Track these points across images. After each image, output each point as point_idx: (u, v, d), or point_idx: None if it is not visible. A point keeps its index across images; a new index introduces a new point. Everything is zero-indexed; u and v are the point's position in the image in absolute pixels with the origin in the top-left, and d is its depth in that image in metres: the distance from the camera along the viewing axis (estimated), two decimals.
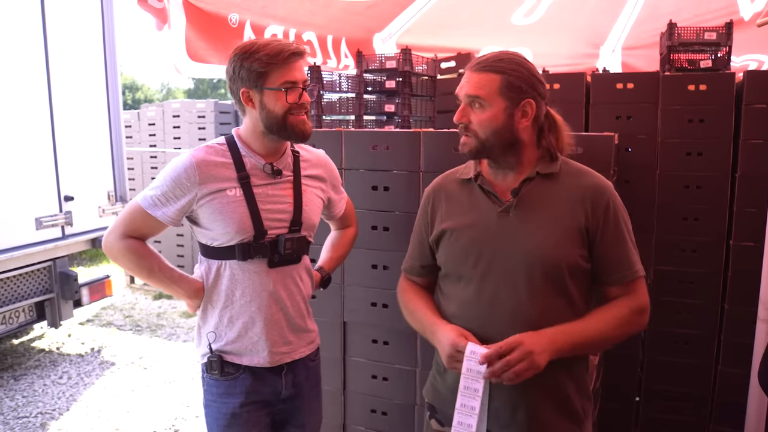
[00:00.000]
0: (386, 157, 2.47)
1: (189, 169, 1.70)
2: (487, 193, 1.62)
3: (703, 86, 2.66)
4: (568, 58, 4.37)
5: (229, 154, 1.76)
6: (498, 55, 1.56)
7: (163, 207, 1.72)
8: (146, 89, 36.85)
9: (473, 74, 1.55)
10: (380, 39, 3.88)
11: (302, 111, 1.72)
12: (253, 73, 1.66)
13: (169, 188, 1.71)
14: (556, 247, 1.53)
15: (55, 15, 4.26)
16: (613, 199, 1.59)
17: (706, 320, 2.75)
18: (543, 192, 1.58)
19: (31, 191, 4.21)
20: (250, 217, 1.72)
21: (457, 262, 1.62)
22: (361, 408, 2.66)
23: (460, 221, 1.63)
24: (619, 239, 1.57)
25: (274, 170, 1.78)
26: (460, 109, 1.58)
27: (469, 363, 1.44)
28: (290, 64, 1.67)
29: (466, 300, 1.60)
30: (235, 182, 1.73)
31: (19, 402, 4.07)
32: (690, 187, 2.72)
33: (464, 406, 1.43)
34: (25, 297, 4.40)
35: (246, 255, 1.74)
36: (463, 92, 1.57)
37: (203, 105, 6.69)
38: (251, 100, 1.71)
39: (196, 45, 2.48)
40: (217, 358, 1.80)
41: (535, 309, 1.52)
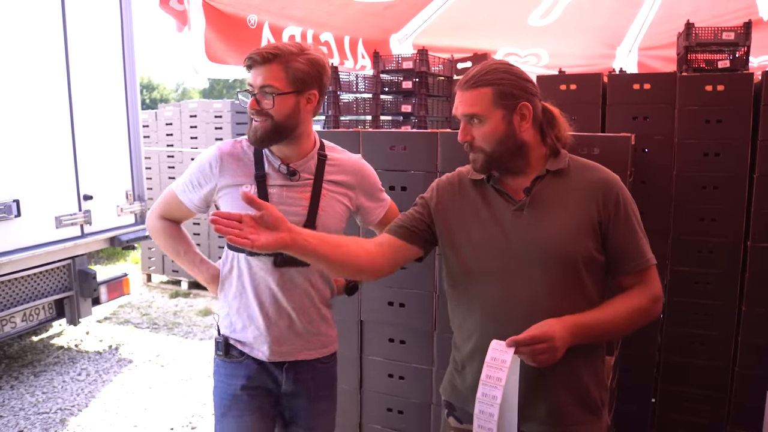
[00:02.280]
0: (404, 157, 2.49)
1: (212, 160, 1.80)
2: (500, 192, 1.64)
3: (721, 87, 2.64)
4: (584, 58, 4.36)
5: (252, 151, 1.81)
6: (483, 69, 1.59)
7: (189, 193, 1.85)
8: (162, 89, 37.11)
9: (464, 93, 1.58)
10: (397, 40, 3.89)
11: (257, 116, 1.72)
12: None
13: (195, 176, 1.83)
14: (571, 242, 1.56)
15: (75, 15, 4.32)
16: (622, 192, 1.62)
17: (723, 321, 2.74)
18: (554, 189, 1.61)
19: (51, 190, 4.27)
20: None
21: (477, 261, 1.63)
22: (378, 407, 2.68)
23: (476, 220, 1.65)
24: (630, 230, 1.60)
25: (289, 171, 1.79)
26: (462, 128, 1.60)
27: (494, 352, 1.45)
28: (251, 68, 1.70)
29: (482, 297, 1.61)
30: (251, 179, 1.78)
31: (39, 398, 4.14)
32: (707, 187, 2.71)
33: (486, 396, 1.43)
34: (44, 295, 4.46)
35: (251, 252, 1.73)
36: (459, 112, 1.60)
37: (220, 105, 6.73)
38: None
39: (215, 46, 2.51)
40: (223, 340, 1.88)
41: (552, 303, 1.54)
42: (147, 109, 7.27)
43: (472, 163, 1.64)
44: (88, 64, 4.47)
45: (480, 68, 1.59)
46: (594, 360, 1.65)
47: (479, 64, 1.62)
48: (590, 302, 1.58)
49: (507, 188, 1.64)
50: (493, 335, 1.52)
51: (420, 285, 2.53)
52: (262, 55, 1.68)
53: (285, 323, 1.85)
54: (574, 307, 1.54)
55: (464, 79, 1.59)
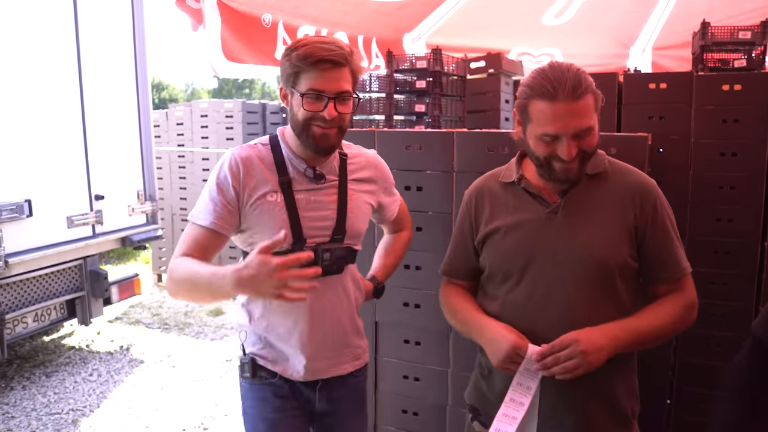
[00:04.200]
0: (419, 157, 2.48)
1: (233, 167, 1.63)
2: (533, 195, 1.61)
3: (738, 86, 2.62)
4: (598, 58, 4.34)
5: (271, 155, 1.67)
6: (578, 74, 1.46)
7: (213, 213, 1.61)
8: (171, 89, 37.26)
9: (573, 105, 1.44)
10: (410, 39, 3.88)
11: (329, 124, 1.58)
12: (286, 72, 1.59)
13: (215, 192, 1.62)
14: (606, 248, 1.53)
15: (87, 16, 4.33)
16: (660, 198, 1.59)
17: (739, 322, 2.71)
18: (590, 192, 1.58)
19: (62, 190, 4.29)
20: (289, 225, 1.63)
21: (505, 263, 1.62)
22: (393, 408, 2.67)
23: (506, 222, 1.63)
24: (666, 238, 1.58)
25: (316, 174, 1.68)
26: (570, 145, 1.46)
27: (528, 363, 1.46)
28: (319, 70, 1.54)
29: (514, 301, 1.59)
30: (276, 186, 1.64)
31: (51, 398, 4.14)
32: (724, 188, 2.69)
33: (513, 401, 1.43)
34: (56, 295, 4.47)
35: None
36: (572, 128, 1.45)
37: (231, 105, 6.74)
38: (286, 98, 1.64)
39: (231, 45, 2.50)
40: (250, 361, 1.73)
41: (585, 309, 1.52)
42: (156, 109, 7.28)
43: (564, 172, 1.51)
44: (100, 64, 4.49)
45: (572, 74, 1.45)
46: (627, 370, 1.63)
47: (560, 69, 1.47)
48: (623, 309, 1.56)
49: (541, 191, 1.61)
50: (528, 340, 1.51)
51: (436, 286, 2.48)
52: (339, 58, 1.55)
53: (320, 337, 1.73)
54: (607, 313, 1.52)
55: (565, 88, 1.43)
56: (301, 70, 1.55)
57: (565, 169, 1.50)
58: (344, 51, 1.56)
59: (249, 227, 1.66)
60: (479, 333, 1.61)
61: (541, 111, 1.46)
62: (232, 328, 5.65)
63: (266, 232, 1.60)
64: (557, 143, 1.47)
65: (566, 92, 1.43)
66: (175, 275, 1.57)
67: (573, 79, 1.43)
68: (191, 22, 2.40)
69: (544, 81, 1.45)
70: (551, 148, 1.48)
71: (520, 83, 1.55)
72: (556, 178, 1.54)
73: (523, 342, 1.49)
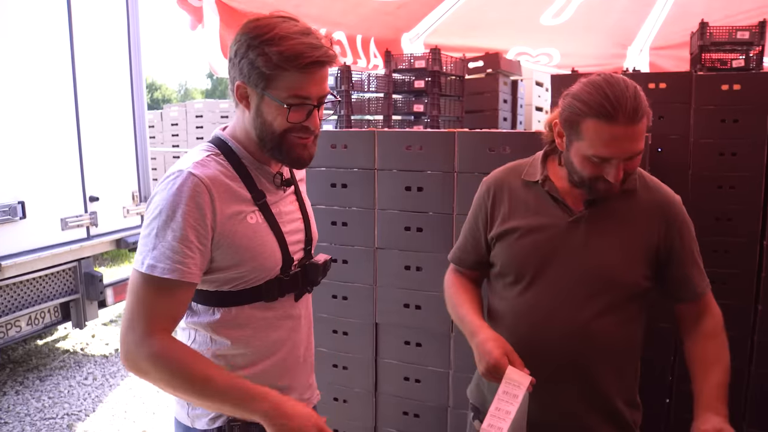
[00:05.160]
0: (420, 157, 2.46)
1: (202, 195, 1.24)
2: (555, 199, 1.56)
3: (737, 86, 2.63)
4: (596, 58, 4.35)
5: (230, 167, 1.34)
6: (637, 94, 1.36)
7: (188, 259, 1.22)
8: (164, 89, 37.15)
9: (633, 128, 1.35)
10: (408, 39, 3.88)
11: (309, 134, 1.33)
12: (255, 71, 1.24)
13: (185, 229, 1.21)
14: (622, 267, 1.51)
15: (81, 16, 4.30)
16: (684, 216, 1.57)
17: (739, 321, 2.71)
18: (616, 206, 1.53)
19: (56, 192, 4.25)
20: (278, 246, 1.38)
21: (518, 265, 1.59)
22: (393, 410, 2.66)
23: (525, 222, 1.58)
24: (690, 259, 1.57)
25: (284, 181, 1.43)
26: (620, 168, 1.39)
27: (507, 386, 1.42)
28: (308, 73, 1.25)
29: (521, 307, 1.58)
30: (251, 205, 1.34)
31: (46, 403, 4.10)
32: (723, 187, 2.69)
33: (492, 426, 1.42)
34: (50, 298, 4.43)
35: (276, 293, 1.39)
36: (627, 153, 1.38)
37: (226, 105, 6.75)
38: (246, 99, 1.31)
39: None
40: (240, 422, 1.35)
41: (592, 323, 1.51)
42: (149, 110, 7.26)
43: (606, 192, 1.45)
44: (94, 65, 4.47)
45: (631, 94, 1.35)
46: (627, 380, 1.62)
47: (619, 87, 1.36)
48: (628, 327, 1.56)
49: (565, 196, 1.56)
50: (524, 345, 1.50)
51: (437, 287, 2.48)
52: (329, 58, 1.27)
53: (307, 363, 1.55)
54: (611, 330, 1.52)
55: (624, 111, 1.33)
56: (282, 72, 1.23)
57: (608, 189, 1.44)
58: (330, 48, 1.29)
59: (233, 264, 1.31)
60: (470, 336, 1.57)
61: (597, 132, 1.36)
62: None
63: (258, 261, 1.34)
64: (606, 164, 1.40)
65: (627, 115, 1.33)
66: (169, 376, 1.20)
67: (633, 100, 1.34)
68: (190, 20, 2.37)
69: (603, 100, 1.34)
70: (599, 170, 1.41)
71: (569, 94, 1.44)
72: (595, 195, 1.49)
73: (503, 362, 1.43)
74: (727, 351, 1.55)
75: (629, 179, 1.49)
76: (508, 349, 1.46)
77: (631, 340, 1.60)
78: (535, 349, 1.51)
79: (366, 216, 2.59)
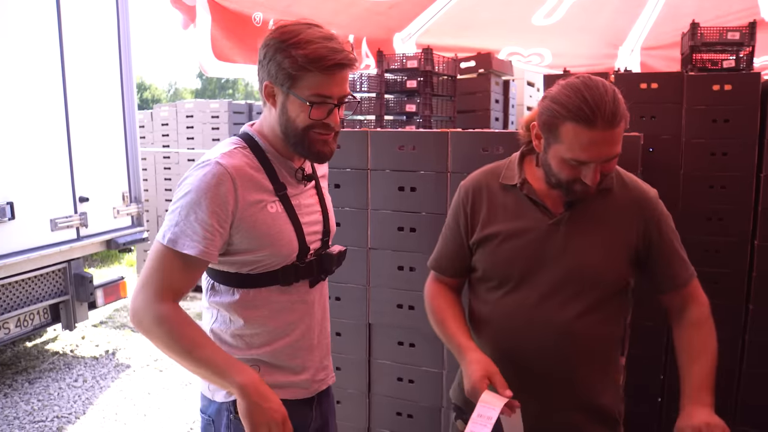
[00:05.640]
0: (413, 157, 2.46)
1: (227, 183, 1.38)
2: (535, 203, 1.56)
3: (728, 86, 2.64)
4: (587, 58, 4.36)
5: (256, 159, 1.48)
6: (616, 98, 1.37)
7: (205, 241, 1.35)
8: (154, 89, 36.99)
9: (611, 132, 1.35)
10: (400, 39, 3.87)
11: (329, 131, 1.44)
12: (282, 72, 1.38)
13: (207, 213, 1.35)
14: (605, 266, 1.52)
15: (70, 15, 4.26)
16: (661, 209, 1.58)
17: (730, 321, 2.73)
18: (595, 205, 1.55)
19: (46, 192, 4.21)
20: (295, 235, 1.50)
21: (501, 270, 1.58)
22: (387, 411, 2.65)
23: (505, 227, 1.58)
24: (672, 249, 1.58)
25: (305, 176, 1.56)
26: (598, 171, 1.41)
27: (481, 409, 1.40)
28: (330, 75, 1.38)
29: (505, 310, 1.58)
30: (272, 195, 1.47)
31: (35, 406, 4.06)
32: (714, 187, 2.71)
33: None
34: (40, 299, 4.39)
35: (292, 278, 1.51)
36: (604, 156, 1.39)
37: (217, 105, 6.68)
38: (273, 97, 1.44)
39: (221, 44, 2.46)
40: None
41: (577, 324, 1.52)
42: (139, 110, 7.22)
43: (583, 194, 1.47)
44: (84, 64, 4.42)
45: (610, 98, 1.35)
46: (611, 375, 1.63)
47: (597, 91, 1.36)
48: (611, 323, 1.57)
49: (544, 199, 1.56)
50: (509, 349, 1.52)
51: None
52: (349, 61, 1.40)
53: (322, 346, 1.65)
54: (596, 328, 1.53)
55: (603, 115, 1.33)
56: (307, 73, 1.36)
57: (584, 191, 1.45)
58: (351, 51, 1.42)
59: (251, 248, 1.44)
60: (458, 354, 1.57)
61: (575, 136, 1.36)
62: None
63: (275, 247, 1.46)
64: (583, 167, 1.40)
65: (605, 119, 1.33)
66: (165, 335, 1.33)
67: (612, 104, 1.34)
68: (183, 19, 2.36)
69: (582, 103, 1.34)
70: (576, 172, 1.41)
71: (548, 97, 1.44)
72: (572, 197, 1.50)
73: (481, 386, 1.42)
74: (713, 339, 1.55)
75: (606, 179, 1.50)
76: (491, 371, 1.45)
77: (614, 336, 1.62)
78: (521, 351, 1.53)
79: (359, 216, 2.58)
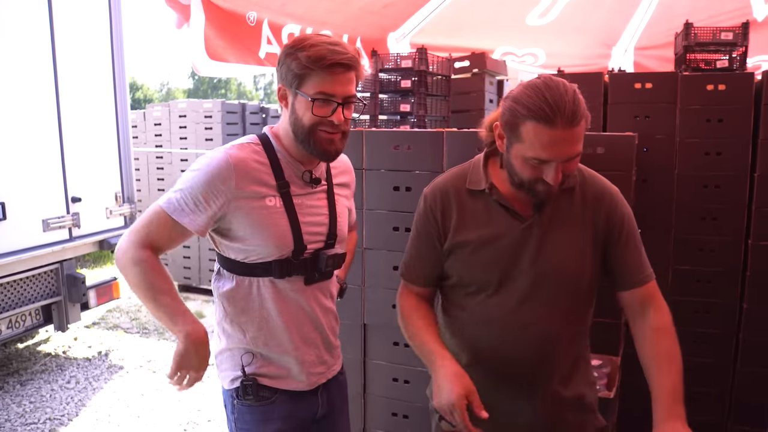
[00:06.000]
0: (408, 157, 2.45)
1: (225, 170, 1.51)
2: (505, 207, 1.55)
3: (722, 86, 2.65)
4: (581, 58, 4.37)
5: (265, 156, 1.59)
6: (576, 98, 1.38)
7: (192, 213, 1.51)
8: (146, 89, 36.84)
9: (571, 131, 1.37)
10: (394, 39, 3.87)
11: (335, 130, 1.53)
12: (290, 73, 1.51)
13: (201, 191, 1.51)
14: (578, 266, 1.55)
15: (62, 14, 4.23)
16: (623, 204, 1.60)
17: (724, 319, 2.75)
18: (561, 204, 1.56)
19: (38, 192, 4.17)
20: (290, 231, 1.58)
21: (477, 277, 1.58)
22: (382, 411, 2.65)
23: (479, 234, 1.57)
24: (633, 245, 1.59)
25: (312, 179, 1.64)
26: (559, 171, 1.42)
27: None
28: (332, 74, 1.48)
29: (485, 315, 1.57)
30: (274, 190, 1.57)
31: (27, 408, 4.03)
32: (708, 186, 2.72)
33: None
34: (32, 300, 4.35)
35: (284, 273, 1.59)
36: (565, 155, 1.40)
37: (210, 105, 6.64)
38: (285, 99, 1.57)
39: (214, 43, 2.45)
40: (252, 382, 1.63)
41: (556, 323, 1.54)
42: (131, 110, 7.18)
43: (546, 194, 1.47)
44: (76, 64, 4.38)
45: (570, 98, 1.37)
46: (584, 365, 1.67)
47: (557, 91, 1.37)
48: (584, 318, 1.61)
49: (512, 202, 1.55)
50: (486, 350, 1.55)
51: None
52: (351, 62, 1.50)
53: (318, 342, 1.71)
54: (572, 325, 1.57)
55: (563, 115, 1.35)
56: (311, 72, 1.48)
57: (546, 190, 1.45)
58: (354, 54, 1.52)
59: (244, 233, 1.57)
60: (431, 366, 1.56)
61: (536, 135, 1.38)
62: (213, 332, 5.55)
63: (266, 239, 1.56)
64: (545, 166, 1.41)
65: (565, 118, 1.35)
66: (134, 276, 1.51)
67: (572, 104, 1.36)
68: (177, 18, 2.34)
69: (542, 103, 1.36)
70: (538, 172, 1.43)
71: (510, 97, 1.45)
72: (535, 197, 1.50)
73: (460, 405, 1.40)
74: (678, 348, 1.54)
75: (569, 179, 1.51)
76: (469, 390, 1.44)
77: (587, 329, 1.66)
78: (500, 353, 1.54)
79: None
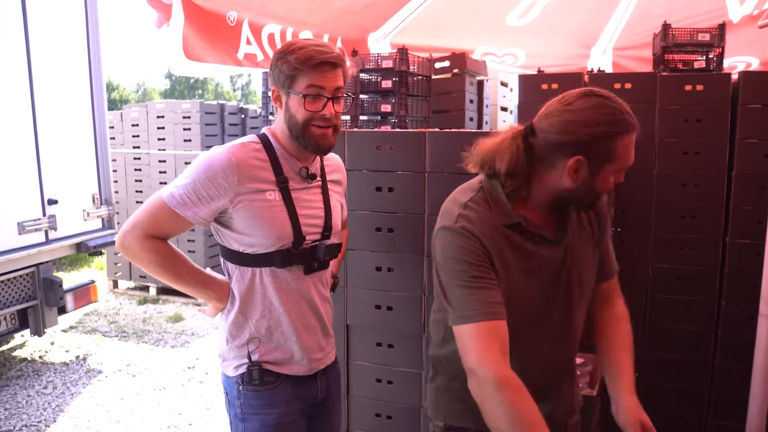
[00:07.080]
0: (390, 157, 2.45)
1: (227, 168, 1.62)
2: (541, 237, 1.49)
3: (700, 86, 2.68)
4: (561, 58, 4.40)
5: (265, 154, 1.70)
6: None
7: (194, 207, 1.61)
8: (122, 89, 36.37)
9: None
10: (375, 39, 3.85)
11: (327, 124, 1.66)
12: (282, 75, 1.63)
13: (203, 186, 1.61)
14: (594, 270, 1.62)
15: (37, 13, 4.15)
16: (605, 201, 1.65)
17: (703, 317, 2.78)
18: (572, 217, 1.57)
19: (13, 195, 4.08)
20: (290, 223, 1.69)
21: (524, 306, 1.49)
22: (366, 412, 2.64)
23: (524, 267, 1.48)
24: (608, 239, 1.68)
25: (309, 174, 1.75)
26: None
27: None
28: (320, 72, 1.61)
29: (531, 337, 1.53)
30: (273, 185, 1.68)
31: (1, 415, 3.95)
32: (687, 185, 2.75)
33: None
34: (7, 305, 4.26)
35: (285, 262, 1.69)
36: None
37: (188, 105, 6.56)
38: (280, 100, 1.69)
39: (193, 43, 2.42)
40: (258, 368, 1.73)
41: (579, 330, 1.61)
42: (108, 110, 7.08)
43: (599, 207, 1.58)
44: (52, 64, 4.30)
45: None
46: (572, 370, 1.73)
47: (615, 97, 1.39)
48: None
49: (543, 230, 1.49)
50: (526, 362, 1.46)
51: (408, 288, 2.49)
52: (336, 60, 1.64)
53: (317, 329, 1.81)
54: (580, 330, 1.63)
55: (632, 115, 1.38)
56: (300, 72, 1.61)
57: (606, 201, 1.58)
58: (339, 53, 1.65)
59: (246, 226, 1.66)
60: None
61: (629, 143, 1.38)
62: (193, 335, 5.52)
63: (268, 231, 1.66)
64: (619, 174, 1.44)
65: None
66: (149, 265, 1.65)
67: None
68: (157, 18, 2.30)
69: (622, 114, 1.36)
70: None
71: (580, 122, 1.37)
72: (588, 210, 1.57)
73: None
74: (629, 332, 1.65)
75: None
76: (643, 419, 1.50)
77: None
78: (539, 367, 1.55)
79: None
